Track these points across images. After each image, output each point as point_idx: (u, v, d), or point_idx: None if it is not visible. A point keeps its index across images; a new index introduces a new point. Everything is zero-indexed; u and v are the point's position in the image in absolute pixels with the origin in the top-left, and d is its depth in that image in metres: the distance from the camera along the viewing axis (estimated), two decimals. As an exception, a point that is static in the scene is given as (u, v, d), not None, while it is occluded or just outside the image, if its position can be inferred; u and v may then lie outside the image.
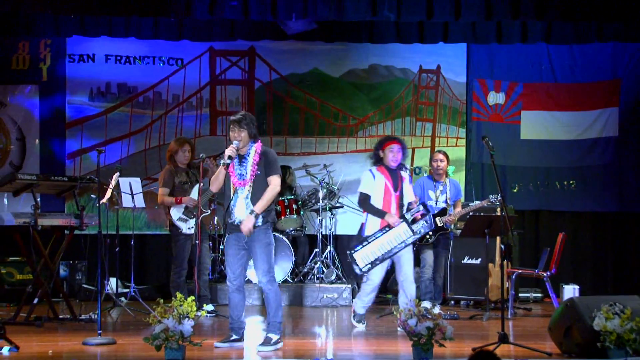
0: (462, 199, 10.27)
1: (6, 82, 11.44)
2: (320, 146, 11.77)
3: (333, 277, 10.55)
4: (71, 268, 10.92)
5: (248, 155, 7.15)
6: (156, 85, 11.61)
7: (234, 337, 7.24)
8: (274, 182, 7.13)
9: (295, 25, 10.69)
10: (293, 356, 6.88)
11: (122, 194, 9.59)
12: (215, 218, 10.29)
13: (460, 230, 9.84)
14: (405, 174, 8.50)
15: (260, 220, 7.10)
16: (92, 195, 10.20)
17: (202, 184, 8.49)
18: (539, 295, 10.99)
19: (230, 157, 7.02)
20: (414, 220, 8.27)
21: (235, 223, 7.13)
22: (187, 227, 9.22)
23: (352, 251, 8.27)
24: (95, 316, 7.87)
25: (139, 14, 9.81)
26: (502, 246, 9.39)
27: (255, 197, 7.09)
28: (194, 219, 9.21)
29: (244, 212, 7.09)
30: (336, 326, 9.11)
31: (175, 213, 9.30)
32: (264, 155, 7.16)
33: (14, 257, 10.45)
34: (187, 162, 9.35)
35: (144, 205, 9.89)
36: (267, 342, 7.10)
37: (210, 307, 9.30)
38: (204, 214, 9.37)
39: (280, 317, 7.19)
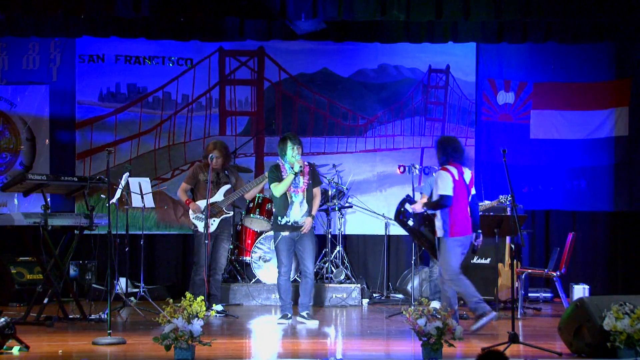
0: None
1: (16, 82, 11.46)
2: (329, 146, 11.76)
3: (342, 277, 10.55)
4: (81, 268, 10.95)
5: (300, 168, 8.68)
6: (166, 85, 11.62)
7: (289, 315, 8.74)
8: (319, 193, 8.93)
9: (304, 25, 10.68)
10: (302, 356, 6.89)
11: (132, 194, 9.63)
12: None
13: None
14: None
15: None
16: (102, 196, 10.21)
17: (229, 186, 9.48)
18: (549, 295, 10.95)
19: (301, 168, 8.65)
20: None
21: (290, 224, 8.67)
22: (204, 225, 9.30)
23: None
24: (105, 316, 7.90)
25: (149, 14, 9.82)
26: (512, 246, 9.41)
27: (308, 203, 8.73)
28: (213, 219, 9.40)
29: (299, 214, 8.68)
30: (345, 326, 9.12)
31: (192, 211, 9.46)
32: (311, 168, 8.86)
33: (24, 257, 10.47)
34: (215, 167, 9.40)
35: (153, 205, 9.94)
36: (311, 315, 8.80)
37: (219, 307, 9.32)
38: (225, 215, 9.47)
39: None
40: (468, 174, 8.26)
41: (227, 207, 9.53)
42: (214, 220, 9.42)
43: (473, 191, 8.33)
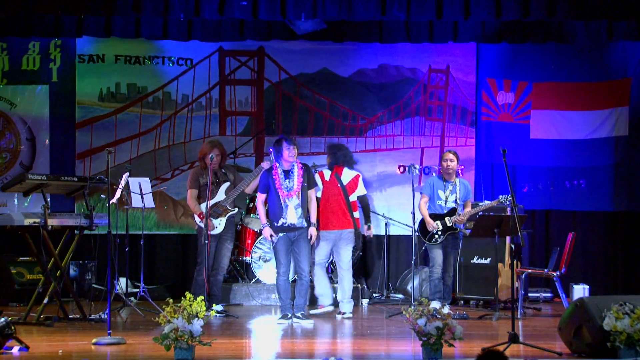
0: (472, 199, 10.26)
1: (17, 82, 11.45)
2: (329, 146, 11.75)
3: (342, 277, 10.53)
4: (81, 268, 10.94)
5: (293, 171, 8.67)
6: (166, 85, 11.62)
7: (289, 315, 8.75)
8: (314, 197, 8.94)
9: (304, 25, 10.68)
10: (302, 356, 6.89)
11: (132, 194, 9.62)
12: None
13: (470, 230, 9.83)
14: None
15: (306, 223, 8.78)
16: (102, 196, 10.22)
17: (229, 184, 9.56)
18: (549, 295, 10.96)
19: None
20: None
21: (286, 225, 8.65)
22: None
23: None
24: (105, 316, 7.90)
25: (149, 14, 9.81)
26: (512, 246, 9.41)
27: (302, 205, 8.68)
28: (218, 219, 9.44)
29: (295, 217, 8.65)
30: (345, 326, 9.10)
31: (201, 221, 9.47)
32: (306, 170, 8.79)
33: (24, 257, 10.47)
34: (214, 166, 9.39)
35: (153, 205, 9.93)
36: (306, 315, 8.86)
37: (219, 307, 9.32)
38: (231, 213, 9.48)
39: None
40: (349, 176, 9.60)
41: (230, 204, 9.54)
42: (220, 221, 9.44)
43: (362, 191, 9.70)
